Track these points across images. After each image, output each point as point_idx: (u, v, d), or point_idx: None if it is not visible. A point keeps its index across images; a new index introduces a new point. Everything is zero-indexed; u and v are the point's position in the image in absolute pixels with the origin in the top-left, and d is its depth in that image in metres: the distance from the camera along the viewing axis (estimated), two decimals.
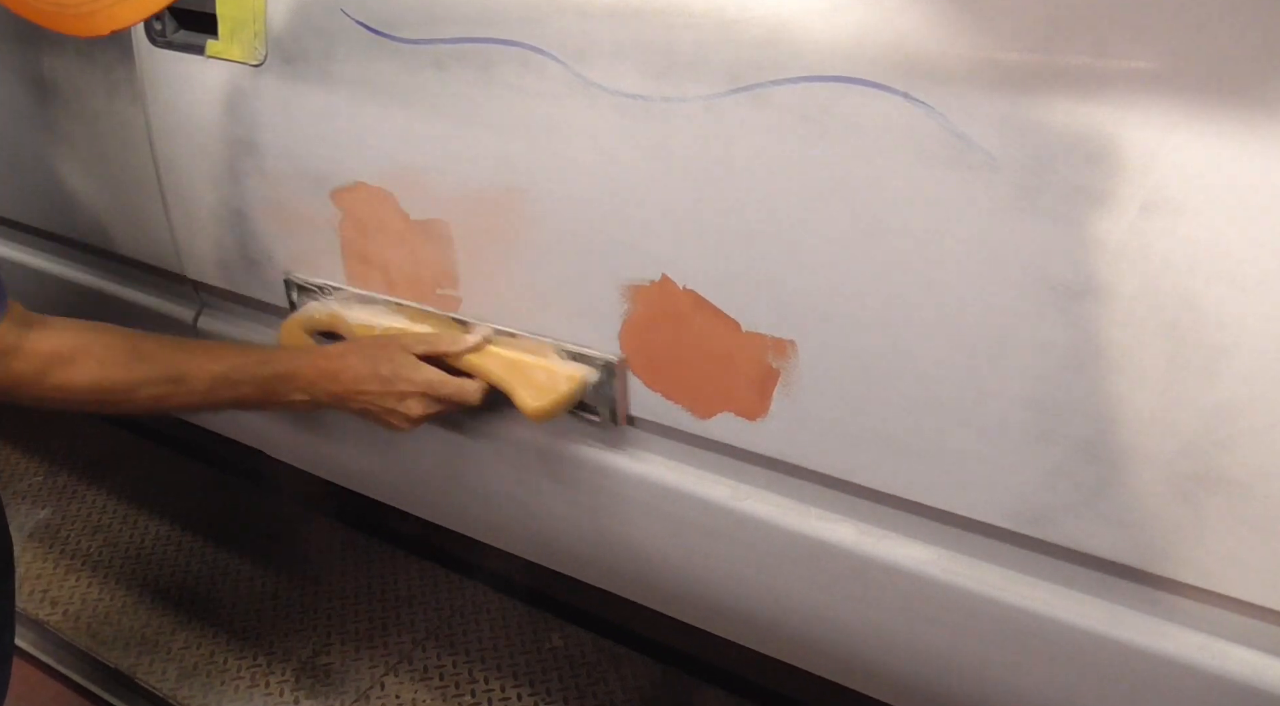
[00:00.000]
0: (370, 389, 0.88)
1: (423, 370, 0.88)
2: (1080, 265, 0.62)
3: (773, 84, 0.68)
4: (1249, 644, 0.68)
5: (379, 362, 0.88)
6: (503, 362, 0.89)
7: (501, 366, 0.88)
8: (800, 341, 0.75)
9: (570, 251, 0.83)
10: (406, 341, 0.90)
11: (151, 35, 1.00)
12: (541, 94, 0.78)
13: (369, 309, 0.98)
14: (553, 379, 0.85)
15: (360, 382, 0.88)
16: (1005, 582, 0.75)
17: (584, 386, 0.85)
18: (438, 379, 0.88)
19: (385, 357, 0.89)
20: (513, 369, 0.88)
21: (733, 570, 0.89)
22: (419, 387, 0.88)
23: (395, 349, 0.89)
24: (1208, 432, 0.61)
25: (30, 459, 1.95)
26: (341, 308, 0.99)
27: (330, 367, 0.89)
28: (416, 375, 0.88)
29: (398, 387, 0.88)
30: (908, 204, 0.66)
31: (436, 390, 0.88)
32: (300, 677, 1.46)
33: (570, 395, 0.85)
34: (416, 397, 0.88)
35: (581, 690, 1.43)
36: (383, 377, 0.88)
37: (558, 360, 0.87)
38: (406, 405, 0.88)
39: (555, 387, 0.85)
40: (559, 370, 0.86)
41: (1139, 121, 0.58)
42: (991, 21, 0.61)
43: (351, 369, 0.88)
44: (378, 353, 0.89)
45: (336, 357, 0.90)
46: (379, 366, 0.88)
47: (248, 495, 1.84)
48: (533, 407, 0.85)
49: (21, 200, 1.27)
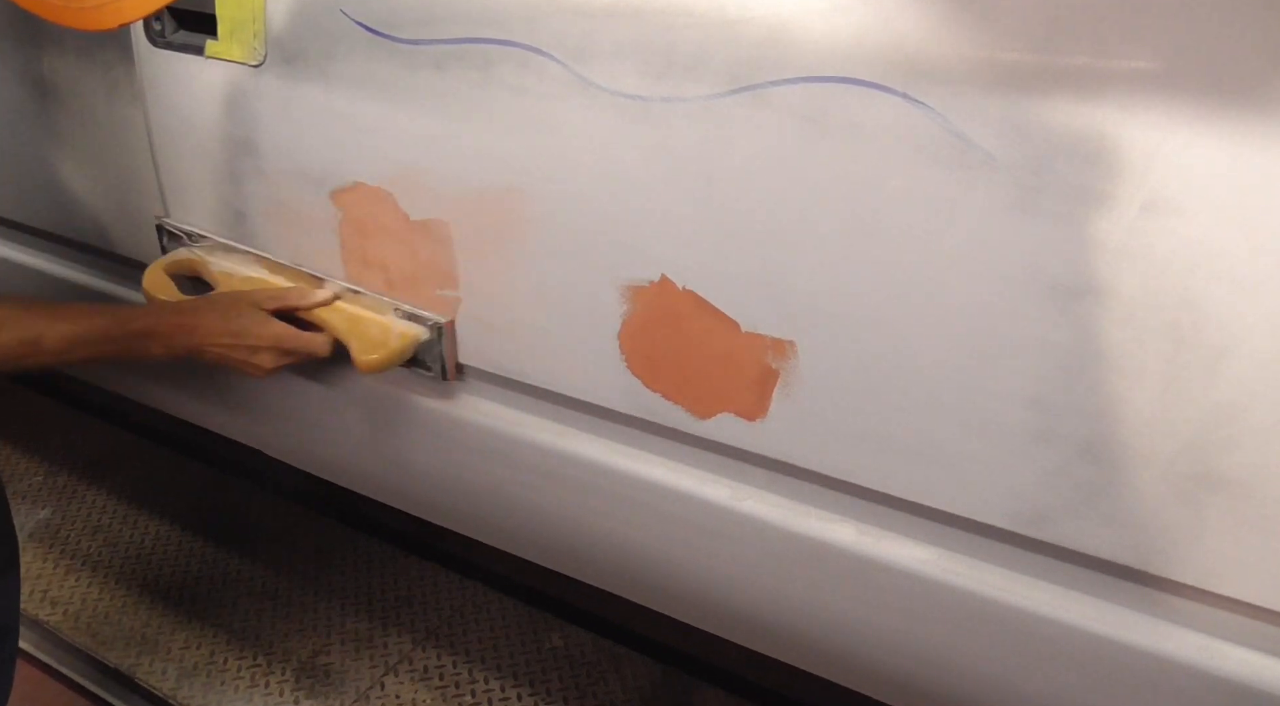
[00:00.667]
0: (223, 342, 0.94)
1: (272, 325, 0.95)
2: (1080, 265, 0.61)
3: (773, 84, 0.68)
4: (1249, 644, 0.68)
5: (230, 318, 0.95)
6: (346, 318, 0.96)
7: (344, 321, 0.96)
8: (800, 341, 0.75)
9: (570, 251, 0.83)
10: (258, 297, 0.97)
11: (151, 35, 1.00)
12: (541, 94, 0.78)
13: (231, 258, 1.05)
14: (386, 335, 0.93)
15: (213, 337, 0.94)
16: (1005, 583, 0.75)
17: (415, 343, 0.93)
18: (286, 333, 0.95)
19: (236, 313, 0.95)
20: (353, 324, 0.96)
21: (732, 570, 0.89)
22: (268, 342, 0.95)
23: (246, 305, 0.96)
24: (1208, 433, 0.61)
25: (30, 459, 1.95)
26: (206, 254, 1.06)
27: (185, 323, 0.95)
28: (265, 330, 0.95)
29: (248, 342, 0.94)
30: (908, 204, 0.66)
31: (284, 343, 0.95)
32: (300, 677, 1.47)
33: (400, 351, 0.93)
34: (266, 351, 0.95)
35: (581, 690, 1.43)
36: (234, 332, 0.94)
37: (394, 318, 0.95)
38: (258, 357, 0.95)
39: (387, 343, 0.93)
40: (393, 327, 0.94)
41: (1139, 121, 0.58)
42: (991, 21, 0.61)
43: (205, 324, 0.94)
44: (229, 308, 0.96)
45: (191, 313, 0.96)
46: (230, 322, 0.94)
47: (248, 495, 1.84)
48: (363, 361, 0.92)
49: (21, 200, 1.27)
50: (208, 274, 1.04)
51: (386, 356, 0.92)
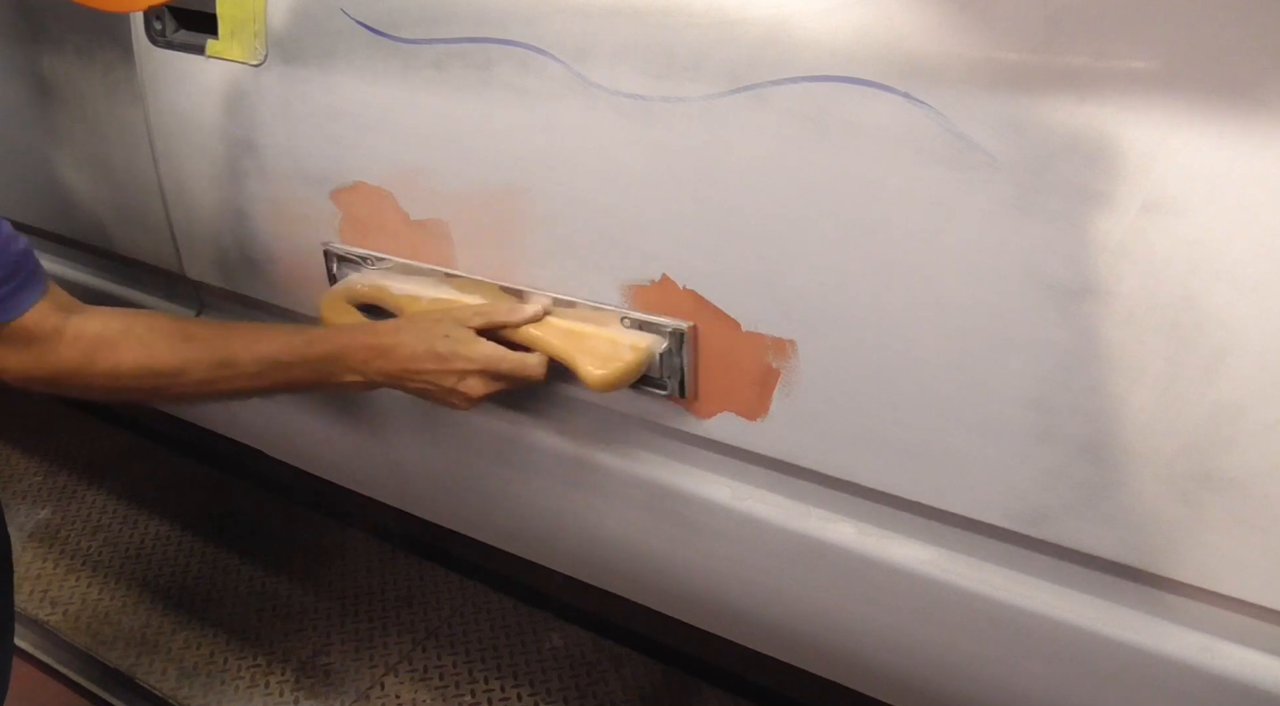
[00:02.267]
0: (427, 367, 0.83)
1: (481, 346, 0.83)
2: (1080, 265, 0.61)
3: (773, 84, 0.68)
4: (1249, 644, 0.68)
5: (434, 339, 0.83)
6: (563, 333, 0.84)
7: (562, 337, 0.83)
8: (800, 341, 0.75)
9: (571, 251, 0.83)
10: (462, 314, 0.85)
11: (152, 35, 1.00)
12: (541, 94, 0.78)
13: (414, 279, 0.93)
14: (616, 348, 0.81)
15: (416, 361, 0.83)
16: (1005, 582, 0.75)
17: (650, 356, 0.80)
18: (497, 354, 0.83)
19: (441, 334, 0.83)
20: (573, 338, 0.83)
21: (733, 570, 0.89)
22: (478, 365, 0.83)
23: (450, 324, 0.84)
24: (1208, 432, 0.61)
25: (30, 459, 1.95)
26: (384, 279, 0.94)
27: (382, 345, 0.84)
28: (475, 351, 0.83)
29: (456, 366, 0.83)
30: (908, 204, 0.66)
31: (496, 366, 0.83)
32: (300, 677, 1.46)
33: (635, 364, 0.80)
34: (476, 376, 0.83)
35: (581, 690, 1.43)
36: (439, 355, 0.83)
37: (621, 329, 0.82)
38: (467, 384, 0.83)
39: (619, 356, 0.80)
40: (622, 339, 0.81)
41: (1139, 121, 0.58)
42: (991, 21, 0.61)
43: (406, 346, 0.84)
44: (433, 329, 0.84)
45: (388, 335, 0.85)
46: (435, 343, 0.83)
47: (248, 495, 1.84)
48: (596, 376, 0.79)
49: (21, 200, 1.27)
50: (390, 300, 0.92)
51: (621, 370, 0.79)
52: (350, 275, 0.97)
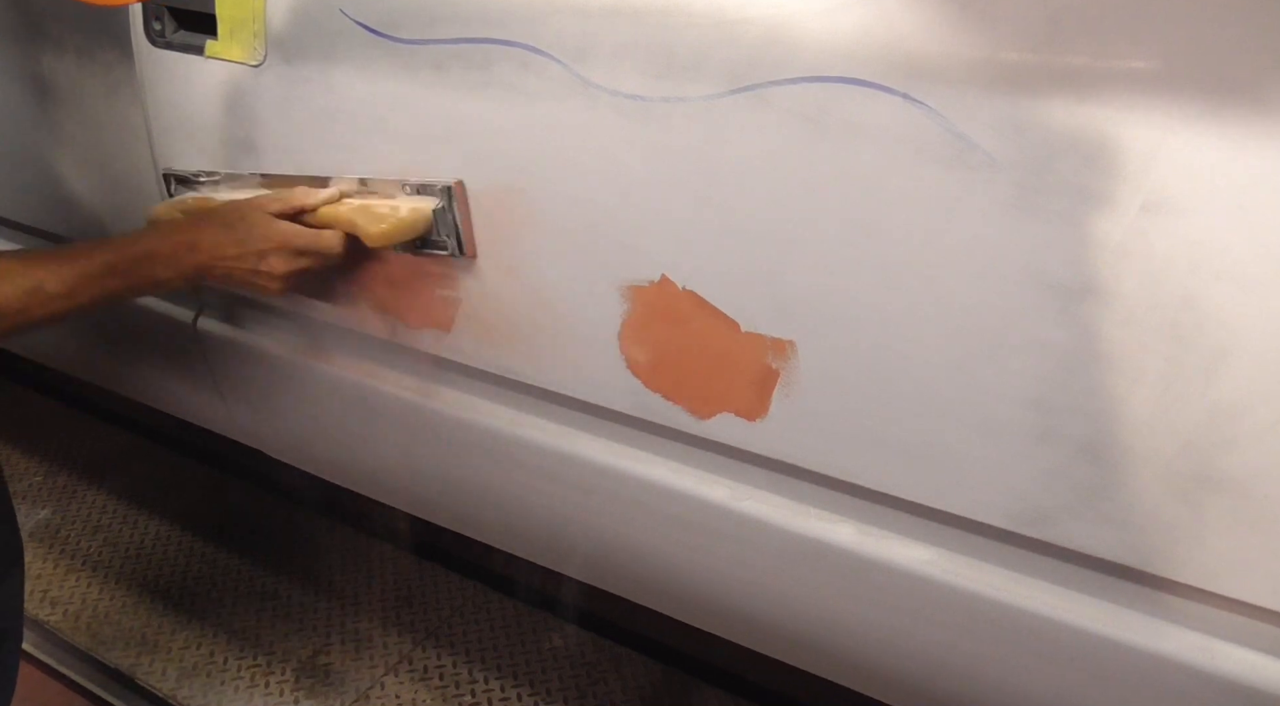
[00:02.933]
0: (229, 253, 0.88)
1: (277, 225, 0.89)
2: (1080, 265, 0.61)
3: (773, 84, 0.68)
4: (1249, 644, 0.68)
5: (233, 225, 0.89)
6: (353, 208, 0.90)
7: (351, 211, 0.90)
8: (800, 341, 0.75)
9: (570, 251, 0.83)
10: (260, 201, 0.91)
11: (151, 35, 1.00)
12: (541, 94, 0.78)
13: (236, 186, 0.99)
14: (394, 210, 0.88)
15: (219, 248, 0.88)
16: (1005, 583, 0.75)
17: (425, 214, 0.86)
18: (292, 231, 0.89)
19: (239, 217, 0.89)
20: (360, 211, 0.89)
21: (733, 570, 0.89)
22: (275, 243, 0.88)
23: (249, 209, 0.90)
24: (1208, 433, 0.61)
25: (30, 459, 1.95)
26: (210, 191, 1.00)
27: (186, 239, 0.88)
28: (272, 230, 0.88)
29: (255, 246, 0.88)
30: (908, 204, 0.66)
31: (293, 242, 0.89)
32: (300, 677, 1.46)
33: (410, 219, 0.86)
34: (276, 253, 0.89)
35: (581, 690, 1.43)
36: (238, 239, 0.88)
37: (403, 196, 0.89)
38: (268, 263, 0.89)
39: (396, 214, 0.87)
40: (402, 204, 0.88)
41: (1139, 121, 0.58)
42: (991, 21, 0.61)
43: (207, 236, 0.88)
44: (231, 214, 0.89)
45: (190, 228, 0.90)
46: (234, 230, 0.88)
47: (248, 495, 1.84)
48: (373, 232, 0.86)
49: (22, 200, 1.27)
50: None
51: (393, 227, 0.86)
52: (183, 191, 1.03)
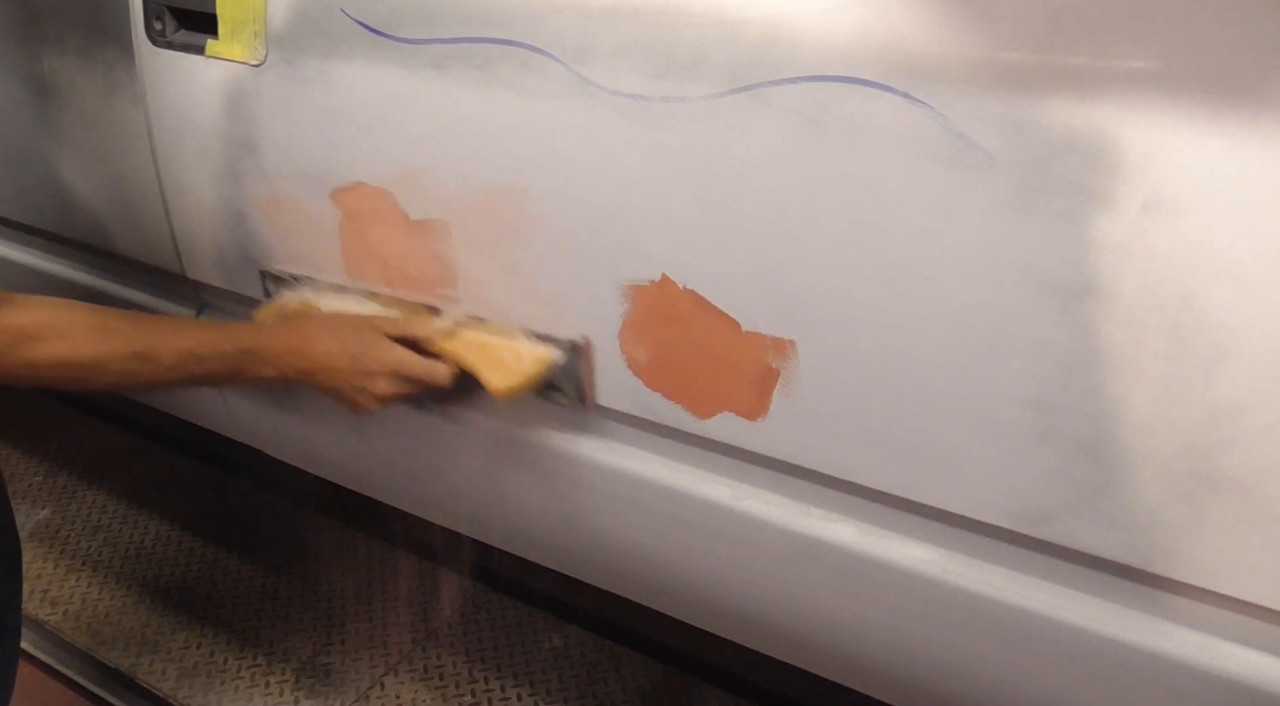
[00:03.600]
0: (339, 366, 0.88)
1: (393, 350, 0.89)
2: (1080, 265, 0.61)
3: (773, 84, 0.68)
4: (1249, 644, 0.68)
5: (349, 341, 0.89)
6: (472, 346, 0.90)
7: (471, 349, 0.90)
8: (800, 341, 0.75)
9: (570, 251, 0.83)
10: (379, 323, 0.91)
11: (152, 35, 1.00)
12: (541, 94, 0.78)
13: (342, 297, 0.99)
14: (519, 360, 0.87)
15: (330, 359, 0.88)
16: (1005, 582, 0.75)
17: (550, 366, 0.87)
18: (407, 359, 0.89)
19: (355, 336, 0.89)
20: (481, 351, 0.89)
21: (733, 570, 0.89)
22: (388, 367, 0.88)
23: (367, 328, 0.90)
24: (1208, 432, 0.61)
25: (30, 459, 1.95)
26: (315, 296, 1.00)
27: (299, 344, 0.89)
28: (387, 355, 0.89)
29: (366, 366, 0.88)
30: (908, 204, 0.66)
31: (405, 370, 0.89)
32: (300, 677, 1.46)
33: (536, 375, 0.87)
34: (385, 377, 0.89)
35: (581, 690, 1.43)
36: (352, 355, 0.88)
37: (525, 342, 0.88)
38: (375, 384, 0.89)
39: (521, 368, 0.87)
40: (525, 351, 0.88)
41: (1139, 121, 0.58)
42: (991, 21, 0.61)
43: (321, 345, 0.89)
44: (348, 331, 0.90)
45: (306, 333, 0.90)
46: (349, 344, 0.88)
47: (248, 495, 1.84)
48: (499, 387, 0.87)
49: (21, 200, 1.27)
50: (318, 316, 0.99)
51: (522, 381, 0.86)
52: (283, 293, 1.02)
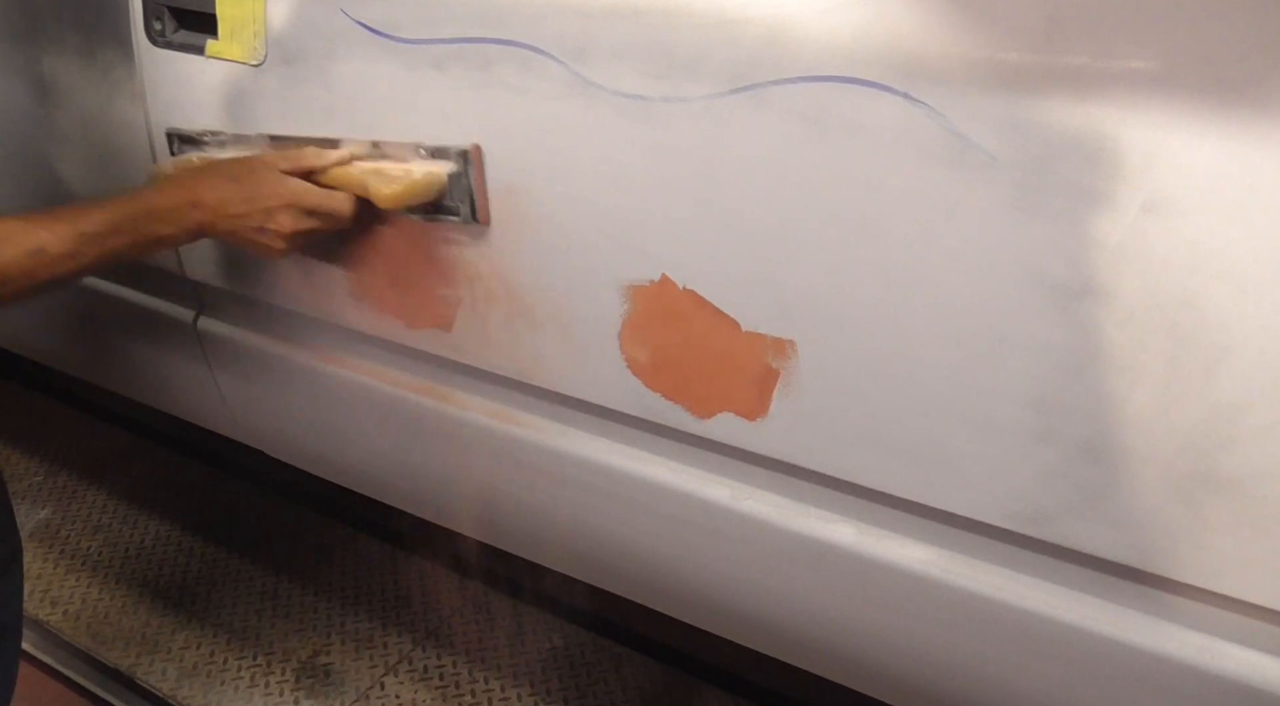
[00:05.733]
0: (235, 210, 0.85)
1: (287, 181, 0.86)
2: (1080, 265, 0.61)
3: (773, 84, 0.68)
4: (1249, 644, 0.68)
5: (239, 179, 0.85)
6: (365, 170, 0.88)
7: (363, 173, 0.88)
8: (800, 341, 0.75)
9: (570, 251, 0.83)
10: (270, 158, 0.88)
11: (152, 35, 1.00)
12: (541, 94, 0.78)
13: (243, 146, 0.96)
14: (408, 172, 0.85)
15: (224, 204, 0.85)
16: (1005, 582, 0.75)
17: (439, 178, 0.84)
18: (302, 189, 0.86)
19: (248, 175, 0.86)
20: (373, 173, 0.87)
21: (732, 570, 0.89)
22: (284, 199, 0.85)
23: (257, 164, 0.87)
24: (1208, 433, 0.61)
25: (30, 459, 1.95)
26: (216, 151, 0.97)
27: (190, 194, 0.85)
28: (281, 187, 0.85)
29: (262, 203, 0.85)
30: (908, 204, 0.66)
31: (303, 199, 0.86)
32: (300, 677, 1.47)
33: (421, 182, 0.84)
34: (284, 211, 0.85)
35: (581, 690, 1.43)
36: (245, 195, 0.85)
37: (417, 160, 0.86)
38: (276, 221, 0.85)
39: (409, 175, 0.85)
40: (416, 167, 0.86)
41: (1139, 121, 0.58)
42: (991, 21, 0.61)
43: (213, 190, 0.85)
44: (237, 169, 0.87)
45: (194, 183, 0.86)
46: (241, 184, 0.85)
47: (248, 495, 1.84)
48: (385, 194, 0.84)
49: (21, 200, 1.27)
50: None
51: (406, 188, 0.84)
52: (188, 151, 0.99)
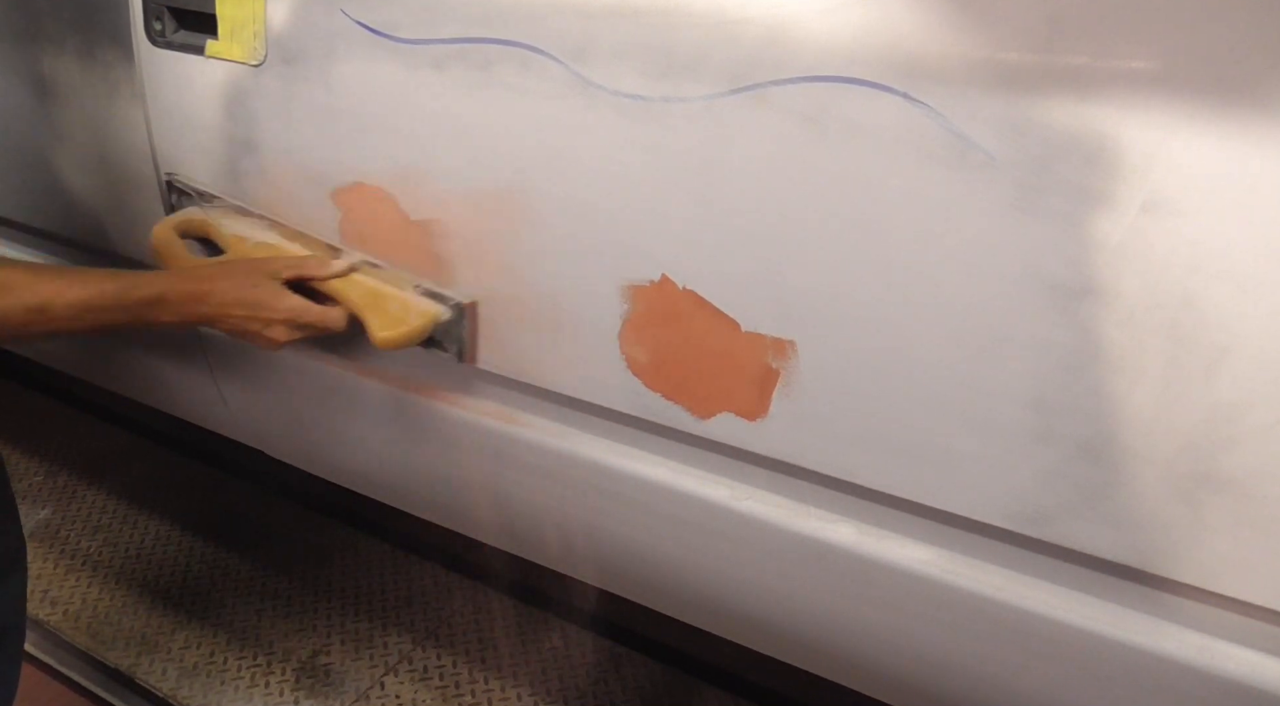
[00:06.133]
0: (236, 314, 0.91)
1: (287, 298, 0.92)
2: (1080, 265, 0.61)
3: (773, 84, 0.68)
4: (1249, 644, 0.68)
5: (245, 288, 0.91)
6: (364, 291, 0.92)
7: (362, 295, 0.92)
8: (800, 341, 0.75)
9: (570, 251, 0.83)
10: (274, 266, 0.93)
11: (152, 35, 1.00)
12: (541, 94, 0.78)
13: (245, 221, 1.01)
14: (405, 312, 0.90)
15: (227, 308, 0.91)
16: (1005, 582, 0.75)
17: (434, 322, 0.90)
18: (301, 307, 0.92)
19: (252, 284, 0.91)
20: (372, 298, 0.92)
21: (732, 570, 0.89)
22: (283, 316, 0.91)
23: (262, 275, 0.92)
24: (1208, 433, 0.61)
25: (30, 459, 1.95)
26: (220, 217, 1.02)
27: (198, 291, 0.91)
28: (280, 303, 0.91)
29: (263, 314, 0.91)
30: (908, 204, 0.66)
31: (299, 317, 0.92)
32: (300, 677, 1.47)
33: (419, 329, 0.89)
34: (281, 324, 0.92)
35: (581, 690, 1.43)
36: (248, 304, 0.91)
37: (414, 295, 0.91)
38: (272, 330, 0.92)
39: (406, 320, 0.89)
40: (413, 304, 0.90)
41: (1139, 121, 0.58)
42: (991, 21, 0.61)
43: (219, 293, 0.91)
44: (244, 278, 0.92)
45: (204, 281, 0.92)
46: (245, 292, 0.91)
47: (248, 495, 1.84)
48: (380, 337, 0.90)
49: (21, 200, 1.27)
50: (219, 237, 1.01)
51: (405, 333, 0.89)
52: (188, 208, 1.04)
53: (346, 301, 0.93)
